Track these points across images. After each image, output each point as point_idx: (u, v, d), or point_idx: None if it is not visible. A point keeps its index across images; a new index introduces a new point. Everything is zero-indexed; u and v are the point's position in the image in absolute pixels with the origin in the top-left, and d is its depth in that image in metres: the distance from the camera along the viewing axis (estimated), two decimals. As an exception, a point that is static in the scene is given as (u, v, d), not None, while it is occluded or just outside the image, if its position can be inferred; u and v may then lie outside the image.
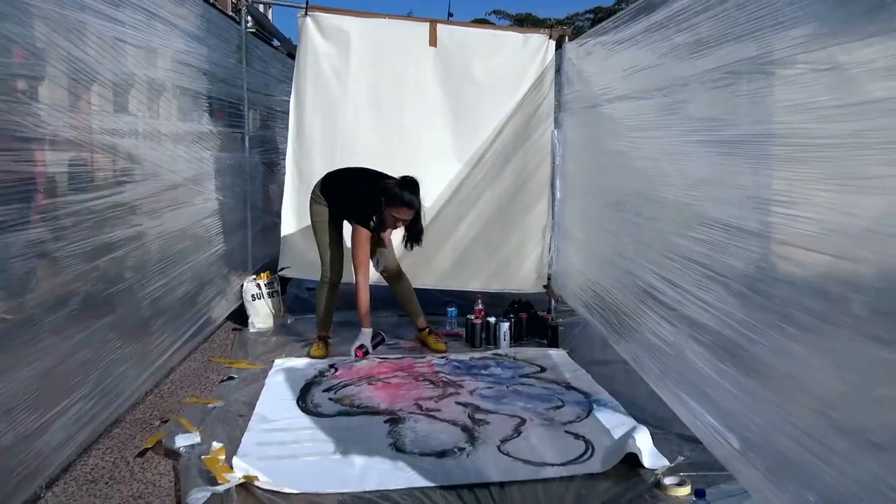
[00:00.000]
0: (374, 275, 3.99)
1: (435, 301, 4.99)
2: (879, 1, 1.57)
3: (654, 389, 2.78)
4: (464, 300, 4.57)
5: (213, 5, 4.43)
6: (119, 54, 2.87)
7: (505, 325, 4.05)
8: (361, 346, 3.56)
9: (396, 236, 3.92)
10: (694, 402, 2.37)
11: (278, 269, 4.53)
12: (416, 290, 4.84)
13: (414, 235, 3.74)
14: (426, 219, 4.46)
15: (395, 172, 4.40)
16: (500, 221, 4.62)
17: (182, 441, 2.57)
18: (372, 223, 3.60)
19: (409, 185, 3.56)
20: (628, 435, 2.53)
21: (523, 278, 4.70)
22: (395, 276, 4.09)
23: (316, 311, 3.90)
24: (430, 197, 4.54)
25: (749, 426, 2.00)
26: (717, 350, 2.21)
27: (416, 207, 3.59)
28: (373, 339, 3.64)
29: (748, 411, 2.00)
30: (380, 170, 3.85)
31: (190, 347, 3.64)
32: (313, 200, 3.82)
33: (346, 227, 3.85)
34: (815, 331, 1.70)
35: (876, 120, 1.54)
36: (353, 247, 3.65)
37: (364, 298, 3.67)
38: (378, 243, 3.90)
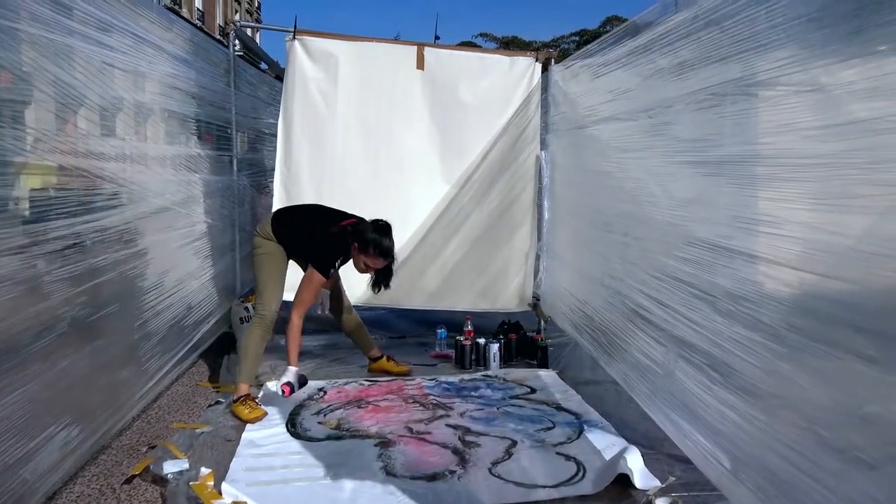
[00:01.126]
0: (363, 296, 3.95)
1: (424, 322, 4.98)
2: (858, 24, 1.61)
3: (645, 409, 2.78)
4: (453, 322, 4.56)
5: (201, 29, 4.44)
6: (107, 78, 2.87)
7: (494, 347, 4.04)
8: (288, 383, 3.21)
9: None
10: (684, 422, 2.38)
11: None
12: (404, 311, 4.84)
13: (384, 279, 3.39)
14: (415, 240, 4.49)
15: (384, 194, 4.43)
16: (486, 242, 4.63)
17: (170, 467, 2.54)
18: (332, 272, 3.30)
19: (384, 231, 3.26)
20: (619, 455, 2.52)
21: (508, 298, 4.71)
22: (345, 309, 3.88)
23: (243, 357, 3.37)
24: (418, 218, 4.56)
25: (739, 445, 2.00)
26: (707, 369, 2.22)
27: (393, 257, 3.30)
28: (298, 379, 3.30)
29: (738, 430, 2.00)
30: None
31: (178, 372, 3.60)
32: (261, 236, 3.45)
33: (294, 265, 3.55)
34: (803, 349, 1.72)
35: (858, 140, 1.57)
36: (302, 285, 3.30)
37: (298, 336, 3.33)
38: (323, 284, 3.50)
